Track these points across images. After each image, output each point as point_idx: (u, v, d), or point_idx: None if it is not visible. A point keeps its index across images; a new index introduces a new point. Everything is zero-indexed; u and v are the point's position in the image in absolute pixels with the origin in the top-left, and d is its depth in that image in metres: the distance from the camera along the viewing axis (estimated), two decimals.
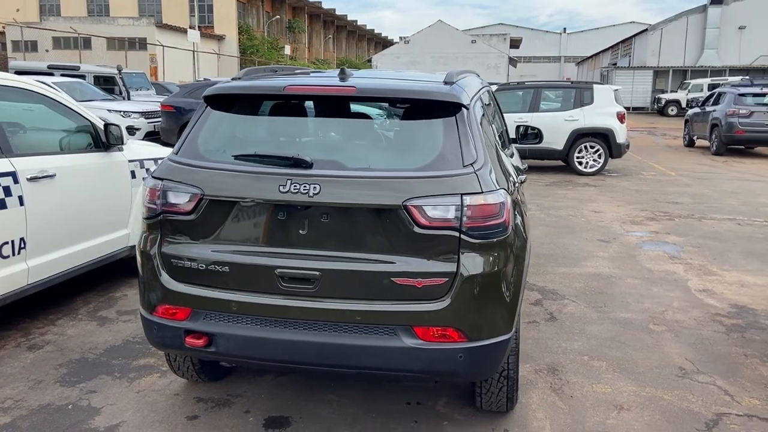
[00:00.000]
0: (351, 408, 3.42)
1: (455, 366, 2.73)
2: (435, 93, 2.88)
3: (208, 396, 3.55)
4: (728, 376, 3.85)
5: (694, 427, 3.28)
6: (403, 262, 2.68)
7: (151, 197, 2.93)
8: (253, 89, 3.07)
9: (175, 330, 2.88)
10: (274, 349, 2.78)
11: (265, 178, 2.73)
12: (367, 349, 2.70)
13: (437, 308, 2.66)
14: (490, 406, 3.25)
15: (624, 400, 3.54)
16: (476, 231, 2.66)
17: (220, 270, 2.80)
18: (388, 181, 2.67)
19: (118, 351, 4.11)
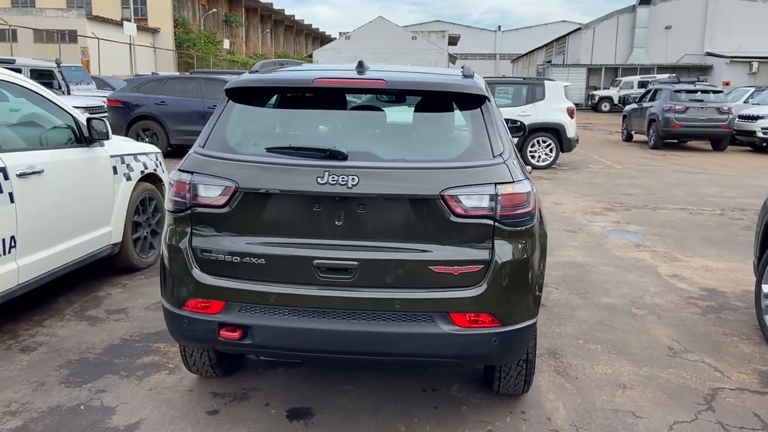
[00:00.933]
0: (370, 397, 3.47)
1: (489, 350, 2.83)
2: (462, 86, 2.96)
3: (223, 391, 3.53)
4: (714, 354, 4.11)
5: (695, 401, 3.50)
6: (439, 251, 2.76)
7: (179, 190, 2.89)
8: (281, 82, 3.08)
9: (208, 324, 2.86)
10: (312, 339, 2.81)
11: (302, 170, 2.75)
12: (406, 337, 2.76)
13: (473, 294, 2.76)
14: (507, 389, 3.37)
15: (625, 380, 3.74)
16: (508, 219, 2.77)
17: (255, 262, 2.80)
18: (425, 172, 2.75)
19: (117, 350, 4.02)
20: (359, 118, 3.21)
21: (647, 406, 3.44)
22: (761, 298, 4.38)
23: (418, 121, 3.16)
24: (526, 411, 3.38)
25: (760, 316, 4.40)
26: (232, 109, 3.03)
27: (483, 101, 2.96)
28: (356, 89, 3.04)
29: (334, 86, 2.99)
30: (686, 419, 3.31)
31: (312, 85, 2.96)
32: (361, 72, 3.11)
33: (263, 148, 2.90)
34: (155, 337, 4.21)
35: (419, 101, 3.12)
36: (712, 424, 3.27)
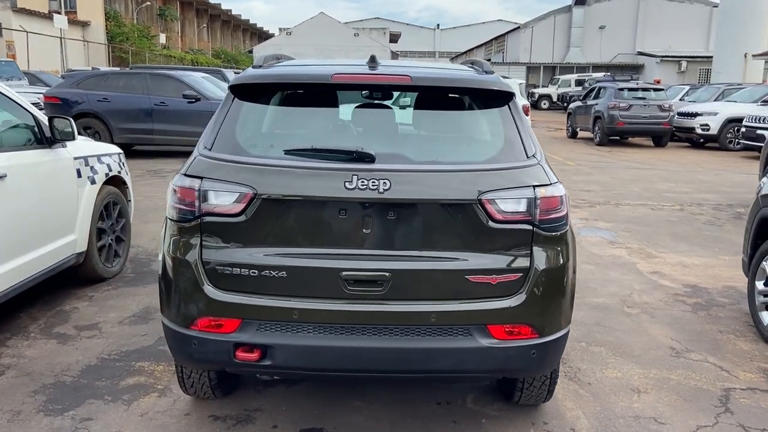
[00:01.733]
0: (385, 413, 3.26)
1: (527, 363, 2.67)
2: (490, 82, 2.79)
3: (223, 413, 3.25)
4: (715, 353, 4.10)
5: (711, 404, 3.45)
6: (475, 259, 2.58)
7: (185, 198, 2.60)
8: (295, 78, 2.82)
9: (222, 344, 2.59)
10: (340, 358, 2.58)
11: (327, 174, 2.52)
12: (442, 352, 2.57)
13: (512, 305, 2.59)
14: (528, 400, 3.23)
15: (638, 384, 3.66)
16: (546, 224, 2.62)
17: (276, 275, 2.55)
18: (460, 175, 2.56)
19: (96, 371, 3.66)
20: (380, 116, 2.99)
21: (666, 410, 3.37)
22: (755, 295, 4.41)
23: (444, 120, 2.96)
24: (548, 422, 3.25)
25: (754, 312, 4.43)
26: (240, 107, 2.76)
27: (510, 98, 2.80)
28: (379, 86, 2.82)
29: (354, 82, 2.76)
30: (708, 423, 3.25)
31: (329, 81, 2.72)
32: (374, 67, 2.89)
33: (281, 150, 2.64)
34: (136, 355, 3.87)
35: (443, 98, 2.93)
36: (734, 427, 3.22)
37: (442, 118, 2.96)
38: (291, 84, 2.83)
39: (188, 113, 12.80)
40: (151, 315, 4.51)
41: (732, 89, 20.24)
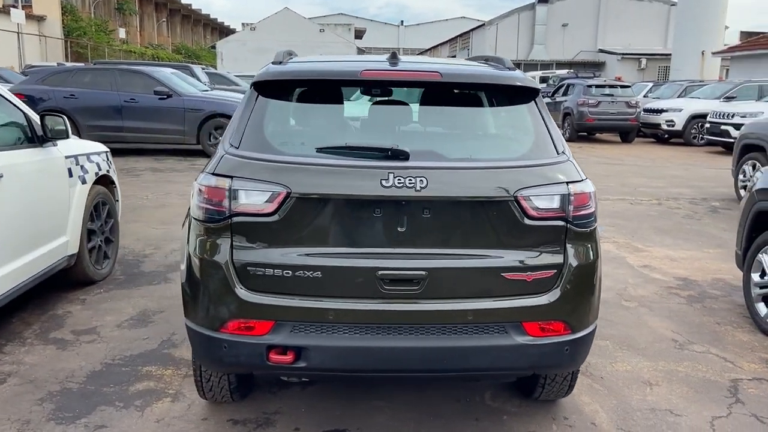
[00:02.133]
0: (407, 413, 3.24)
1: (560, 359, 2.68)
2: (517, 78, 2.79)
3: (242, 417, 3.18)
4: (716, 344, 4.20)
5: (721, 395, 3.52)
6: (511, 256, 2.58)
7: (214, 197, 2.53)
8: (323, 74, 2.77)
9: (255, 347, 2.53)
10: (376, 358, 2.54)
11: (363, 172, 2.47)
12: (478, 350, 2.56)
13: (547, 301, 2.59)
14: (548, 395, 3.25)
15: (648, 376, 3.72)
16: (579, 220, 2.63)
17: (310, 276, 2.50)
18: (496, 172, 2.55)
19: (103, 377, 3.54)
20: (407, 113, 2.95)
21: (680, 402, 3.43)
22: (751, 287, 4.52)
23: (472, 117, 2.95)
24: (569, 417, 3.27)
25: (750, 304, 4.54)
26: (267, 104, 2.69)
27: (536, 94, 2.81)
28: (408, 82, 2.78)
29: (383, 78, 2.72)
30: (722, 414, 3.32)
31: (359, 77, 2.67)
32: (395, 63, 2.86)
33: (313, 147, 2.59)
34: (141, 360, 3.76)
35: (470, 95, 2.91)
36: (747, 417, 3.29)
37: (470, 115, 2.94)
38: (318, 81, 2.78)
39: (160, 110, 12.53)
40: (149, 318, 4.39)
41: (694, 86, 20.77)
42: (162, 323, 4.31)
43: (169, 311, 4.52)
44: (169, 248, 6.12)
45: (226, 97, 13.93)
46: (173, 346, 3.95)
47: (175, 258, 5.78)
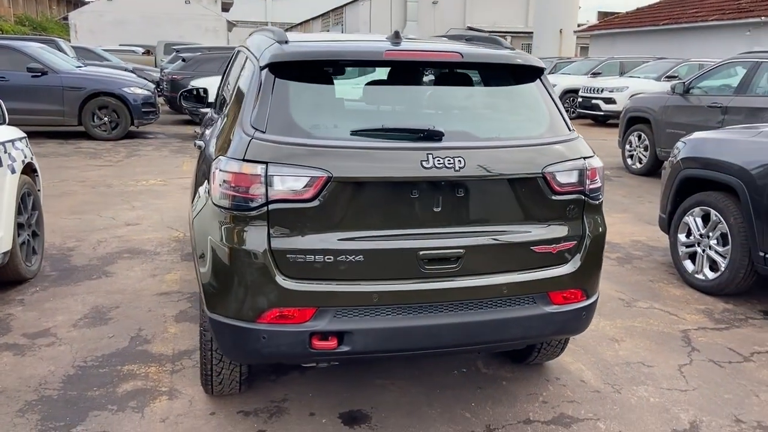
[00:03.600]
0: (413, 388, 3.31)
1: (579, 324, 2.87)
2: (531, 59, 2.90)
3: (251, 408, 3.10)
4: (657, 300, 4.64)
5: (679, 345, 3.92)
6: (537, 230, 2.71)
7: (246, 185, 2.42)
8: (345, 54, 2.70)
9: (297, 335, 2.47)
10: (418, 336, 2.58)
11: (403, 154, 2.47)
12: (512, 322, 2.68)
13: (570, 271, 2.76)
14: (542, 359, 3.46)
15: (613, 334, 4.05)
16: (593, 193, 2.81)
17: (352, 260, 2.47)
18: (525, 150, 2.65)
19: (81, 381, 3.28)
20: (429, 93, 2.96)
21: (647, 354, 3.78)
22: (678, 246, 5.02)
23: (492, 96, 3.02)
24: (560, 377, 3.50)
25: (678, 261, 5.04)
26: (287, 86, 2.59)
27: (542, 73, 2.93)
28: (431, 62, 2.79)
29: (406, 59, 2.71)
30: (686, 362, 3.70)
31: (382, 58, 2.65)
32: (397, 43, 2.87)
33: (347, 130, 2.54)
34: (117, 360, 3.53)
35: (487, 75, 2.97)
36: (706, 362, 3.70)
37: (488, 95, 3.02)
38: (340, 61, 2.71)
39: (34, 89, 11.43)
40: (105, 315, 4.10)
41: (563, 63, 22.15)
42: (122, 319, 4.04)
43: (124, 306, 4.25)
44: (94, 239, 5.70)
45: (108, 74, 13.00)
46: (146, 342, 3.73)
47: (105, 250, 5.41)
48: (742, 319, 4.34)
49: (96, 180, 8.32)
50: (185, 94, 4.81)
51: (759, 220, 4.30)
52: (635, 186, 9.05)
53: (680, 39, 22.83)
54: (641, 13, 26.52)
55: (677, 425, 3.05)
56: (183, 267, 5.03)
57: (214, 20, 42.98)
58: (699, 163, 4.88)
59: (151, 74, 18.88)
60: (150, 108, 12.18)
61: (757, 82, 7.95)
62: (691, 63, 15.87)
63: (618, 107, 14.76)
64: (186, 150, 11.14)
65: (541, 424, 3.04)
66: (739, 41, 19.64)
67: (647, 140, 9.55)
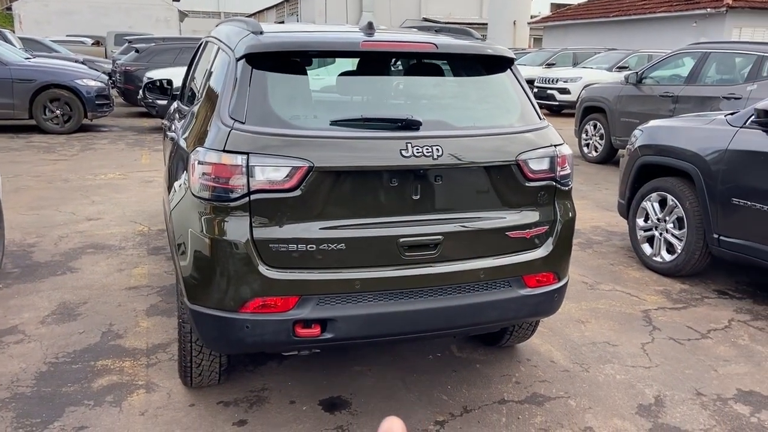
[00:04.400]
0: (391, 373, 3.38)
1: (551, 306, 2.98)
2: (503, 50, 2.97)
3: (231, 398, 3.11)
4: (618, 282, 4.81)
5: (640, 324, 4.09)
6: (512, 215, 2.79)
7: (226, 175, 2.43)
8: (322, 45, 2.72)
9: (281, 323, 2.50)
10: (399, 322, 2.64)
11: (382, 143, 2.52)
12: (488, 305, 2.76)
13: (543, 255, 2.86)
14: (514, 341, 3.57)
15: (579, 315, 4.20)
16: (563, 179, 2.91)
17: (334, 248, 2.51)
18: (499, 138, 2.73)
19: (55, 377, 3.24)
20: (404, 83, 3.00)
21: (612, 334, 3.94)
22: (636, 230, 5.21)
23: (466, 86, 3.08)
24: (531, 358, 3.61)
25: (636, 245, 5.24)
26: (265, 77, 2.61)
27: (512, 63, 3.01)
28: (407, 53, 2.84)
29: (382, 50, 2.75)
30: (648, 340, 3.87)
31: (359, 48, 2.69)
32: (370, 34, 2.91)
33: (327, 120, 2.58)
34: (90, 355, 3.49)
35: (460, 65, 3.04)
36: (667, 340, 3.88)
37: (462, 85, 3.08)
38: (316, 52, 2.74)
39: None
40: (74, 311, 4.04)
41: (518, 54, 22.44)
42: (92, 315, 3.99)
43: (92, 302, 4.19)
44: (55, 235, 5.58)
45: (59, 65, 12.62)
46: (118, 337, 3.70)
47: (67, 245, 5.30)
48: (698, 298, 4.55)
49: (52, 175, 8.11)
50: (149, 86, 4.74)
51: (713, 203, 4.50)
52: (592, 174, 9.30)
53: (630, 30, 23.44)
54: (592, 5, 27.09)
55: (643, 400, 3.20)
56: (150, 261, 4.98)
57: (166, 10, 42.09)
58: (655, 150, 5.08)
59: (102, 66, 18.42)
60: (104, 100, 11.89)
61: (706, 72, 8.27)
62: (640, 54, 16.34)
63: (572, 97, 15.12)
64: (143, 143, 10.93)
65: (515, 403, 3.14)
66: (687, 32, 20.29)
67: (602, 129, 9.82)
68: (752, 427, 3.00)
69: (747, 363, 3.62)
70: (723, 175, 4.42)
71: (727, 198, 4.39)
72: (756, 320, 4.20)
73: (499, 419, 3.00)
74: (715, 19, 19.96)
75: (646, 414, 3.08)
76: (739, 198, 4.31)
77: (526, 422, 2.99)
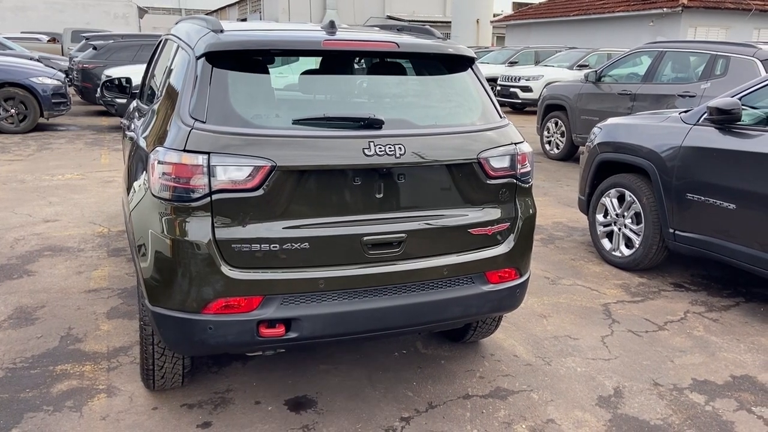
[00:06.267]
0: (356, 371, 3.39)
1: (513, 301, 3.02)
2: (463, 49, 3.00)
3: (195, 400, 3.09)
4: (579, 277, 4.91)
5: (600, 317, 4.18)
6: (474, 213, 2.83)
7: (189, 175, 2.41)
8: (284, 44, 2.71)
9: (244, 324, 2.49)
10: (364, 320, 2.65)
11: (345, 142, 2.53)
12: (452, 302, 2.79)
13: (504, 251, 2.90)
14: (478, 337, 3.62)
15: (541, 310, 4.27)
16: (524, 177, 2.96)
17: (298, 248, 2.51)
18: (461, 136, 2.76)
19: (12, 383, 3.16)
20: (366, 82, 3.01)
21: (573, 328, 4.02)
22: (596, 226, 5.32)
23: (426, 85, 3.09)
24: (494, 353, 3.66)
25: (596, 240, 5.34)
26: (225, 76, 2.59)
27: (473, 63, 3.05)
28: (368, 52, 2.84)
29: (343, 48, 2.75)
30: (607, 333, 3.96)
31: (321, 47, 2.69)
32: (332, 33, 2.91)
33: (289, 120, 2.57)
34: (48, 360, 3.41)
35: (421, 64, 3.05)
36: (625, 332, 3.97)
37: (423, 84, 3.10)
38: (278, 50, 2.72)
39: None
40: (31, 315, 3.95)
41: (482, 52, 22.66)
42: (50, 319, 3.90)
43: (50, 305, 4.10)
44: (10, 237, 5.44)
45: (14, 63, 12.26)
46: (78, 341, 3.63)
47: (24, 248, 5.17)
48: (656, 291, 4.67)
49: (6, 175, 7.89)
50: (107, 84, 4.65)
51: (668, 199, 4.63)
52: (554, 170, 9.45)
53: (590, 29, 23.86)
54: (553, 4, 27.48)
55: (602, 391, 3.27)
56: (110, 263, 4.89)
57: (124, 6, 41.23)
58: (613, 147, 5.19)
59: (59, 63, 17.96)
60: (61, 99, 11.61)
61: (662, 71, 8.47)
62: (600, 52, 16.66)
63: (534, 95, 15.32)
64: (102, 142, 10.71)
65: (479, 398, 3.18)
66: (644, 31, 20.76)
67: (563, 126, 9.99)
68: (707, 415, 3.10)
69: (702, 353, 3.73)
70: (678, 171, 4.55)
71: (682, 193, 4.52)
72: (710, 312, 4.33)
73: (463, 414, 3.04)
74: (671, 19, 20.46)
75: (606, 405, 3.15)
76: (693, 193, 4.44)
77: (490, 416, 3.03)
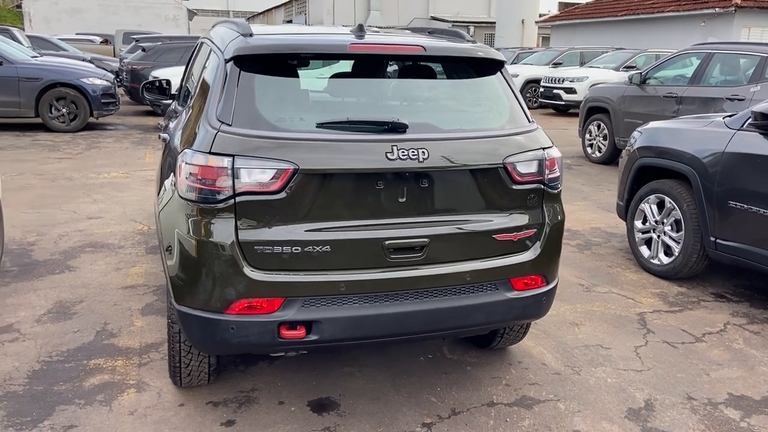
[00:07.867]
0: (380, 375, 3.38)
1: (539, 309, 2.97)
2: (493, 52, 2.97)
3: (220, 398, 3.13)
4: (614, 285, 4.80)
5: (635, 327, 4.08)
6: (499, 218, 2.79)
7: (212, 177, 2.44)
8: (310, 48, 2.73)
9: (266, 325, 2.51)
10: (385, 324, 2.65)
11: (368, 146, 2.53)
12: (475, 308, 2.76)
13: (530, 258, 2.85)
14: (505, 343, 3.57)
15: (573, 318, 4.19)
16: (552, 182, 2.90)
17: (320, 250, 2.52)
18: (486, 141, 2.73)
19: (47, 376, 3.27)
20: (392, 86, 3.01)
21: (605, 337, 3.92)
22: (635, 233, 5.19)
23: (453, 89, 3.08)
24: (522, 360, 3.61)
25: (634, 247, 5.21)
26: (252, 79, 2.62)
27: (503, 66, 3.01)
28: (394, 56, 2.84)
29: (370, 52, 2.76)
30: (641, 343, 3.85)
31: (347, 51, 2.70)
32: (360, 37, 2.91)
33: (313, 123, 2.58)
34: (83, 354, 3.51)
35: (449, 68, 3.03)
36: (660, 343, 3.86)
37: (450, 87, 3.08)
38: (306, 54, 2.74)
39: None
40: (70, 310, 4.07)
41: (525, 53, 22.39)
42: (87, 314, 4.02)
43: (88, 300, 4.22)
44: (55, 233, 5.62)
45: (66, 64, 12.70)
46: (112, 336, 3.72)
47: (67, 244, 5.34)
48: (695, 301, 4.53)
49: (55, 173, 8.16)
50: (147, 86, 4.77)
51: (710, 206, 4.48)
52: (595, 174, 9.27)
53: (638, 29, 23.31)
54: (600, 4, 26.95)
55: (633, 404, 3.19)
56: (148, 260, 5.01)
57: (174, 9, 42.19)
58: (654, 152, 5.05)
59: (110, 64, 18.51)
60: (110, 99, 11.96)
61: (710, 73, 8.21)
62: (648, 53, 16.24)
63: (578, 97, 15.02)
64: (148, 141, 10.99)
65: (504, 406, 3.14)
66: (695, 32, 20.16)
67: (606, 129, 9.78)
68: (741, 431, 2.99)
69: (740, 367, 3.60)
70: (720, 177, 4.40)
71: (724, 201, 4.36)
72: (752, 324, 4.18)
73: (486, 422, 3.00)
74: (724, 19, 19.82)
75: (635, 418, 3.07)
76: (736, 201, 4.29)
77: (514, 425, 2.98)
